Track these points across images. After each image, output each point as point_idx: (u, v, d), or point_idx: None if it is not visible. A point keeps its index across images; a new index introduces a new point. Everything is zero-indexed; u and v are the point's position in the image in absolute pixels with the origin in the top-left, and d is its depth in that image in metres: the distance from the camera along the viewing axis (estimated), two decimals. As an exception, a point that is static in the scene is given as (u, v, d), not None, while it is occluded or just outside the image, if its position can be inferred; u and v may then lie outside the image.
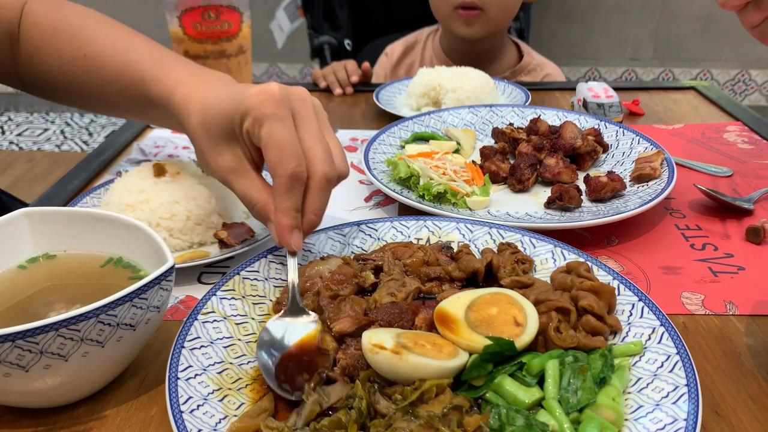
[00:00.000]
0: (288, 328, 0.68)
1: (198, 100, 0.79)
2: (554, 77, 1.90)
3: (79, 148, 4.20)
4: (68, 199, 1.09)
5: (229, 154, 0.76)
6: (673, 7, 3.97)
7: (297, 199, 0.72)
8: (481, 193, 1.03)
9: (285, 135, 0.70)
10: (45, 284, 0.71)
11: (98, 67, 0.91)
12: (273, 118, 0.70)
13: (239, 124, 0.73)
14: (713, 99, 1.57)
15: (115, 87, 0.91)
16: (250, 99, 0.71)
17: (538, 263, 0.82)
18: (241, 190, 0.77)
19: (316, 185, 0.72)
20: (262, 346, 0.66)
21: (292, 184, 0.71)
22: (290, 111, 0.72)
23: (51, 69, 0.96)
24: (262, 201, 0.75)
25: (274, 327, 0.69)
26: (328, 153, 0.73)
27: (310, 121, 0.74)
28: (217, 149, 0.76)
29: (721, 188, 1.10)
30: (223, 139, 0.76)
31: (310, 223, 0.75)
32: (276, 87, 0.72)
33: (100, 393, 0.66)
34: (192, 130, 0.79)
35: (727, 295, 0.82)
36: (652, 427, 0.56)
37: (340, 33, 2.63)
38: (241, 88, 0.76)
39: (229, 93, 0.76)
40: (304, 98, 0.75)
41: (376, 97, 1.50)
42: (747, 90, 4.25)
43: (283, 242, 0.74)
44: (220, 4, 1.18)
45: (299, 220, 0.73)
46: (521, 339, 0.63)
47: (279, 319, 0.70)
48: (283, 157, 0.70)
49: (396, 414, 0.57)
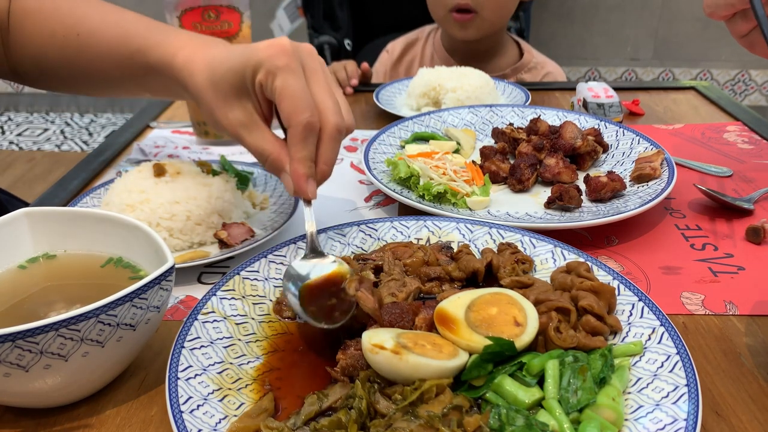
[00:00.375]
0: (313, 267, 0.74)
1: (202, 59, 0.80)
2: (555, 76, 1.90)
3: (79, 148, 4.20)
4: (68, 199, 1.09)
5: (239, 110, 0.77)
6: (673, 7, 3.97)
7: (311, 149, 0.74)
8: (481, 193, 1.03)
9: (298, 86, 0.72)
10: (45, 284, 0.71)
11: (93, 44, 0.91)
12: (286, 70, 0.72)
13: (251, 77, 0.74)
14: (713, 99, 1.57)
15: (112, 61, 0.91)
16: (262, 52, 0.73)
17: (538, 263, 0.82)
18: (253, 143, 0.77)
19: (328, 136, 0.74)
20: (289, 279, 0.73)
21: (306, 133, 0.72)
22: (300, 64, 0.74)
23: (45, 53, 0.96)
24: (275, 153, 0.76)
25: (299, 265, 0.74)
26: (338, 105, 0.75)
27: (318, 74, 0.76)
28: (227, 105, 0.77)
29: (721, 188, 1.10)
30: (234, 94, 0.77)
31: (323, 174, 0.76)
32: (286, 40, 0.74)
33: (100, 393, 0.66)
34: (198, 88, 0.79)
35: (727, 295, 0.82)
36: (652, 427, 0.56)
37: (340, 33, 2.63)
38: (249, 45, 0.77)
39: (238, 50, 0.77)
40: (312, 53, 0.77)
41: (376, 97, 1.51)
42: (747, 90, 4.25)
43: (299, 191, 0.75)
44: (220, 4, 1.18)
45: (314, 169, 0.75)
46: (521, 339, 0.63)
47: (302, 260, 0.75)
48: (297, 107, 0.72)
49: (396, 414, 0.57)
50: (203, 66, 0.79)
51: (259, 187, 1.07)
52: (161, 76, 0.86)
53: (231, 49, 0.79)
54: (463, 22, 1.71)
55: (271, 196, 1.04)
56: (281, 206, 1.00)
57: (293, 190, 0.76)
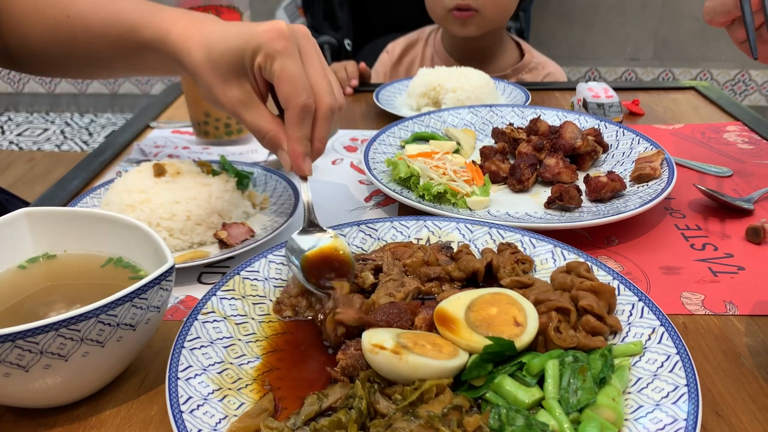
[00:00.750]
0: (310, 239, 0.80)
1: (198, 37, 0.81)
2: (556, 77, 1.90)
3: (79, 148, 4.20)
4: (68, 199, 1.09)
5: (238, 88, 0.80)
6: (673, 7, 3.97)
7: (308, 129, 0.79)
8: (481, 193, 1.03)
9: (296, 70, 0.76)
10: (45, 284, 0.71)
11: (84, 26, 0.92)
12: (284, 54, 0.75)
13: (250, 60, 0.77)
14: (713, 99, 1.57)
15: (104, 41, 0.91)
16: (261, 36, 0.75)
17: (538, 263, 0.82)
18: (251, 121, 0.81)
19: (322, 116, 0.79)
20: (292, 252, 0.78)
21: (303, 115, 0.77)
22: (297, 47, 0.77)
23: (37, 38, 0.96)
24: (273, 131, 0.80)
25: (299, 239, 0.80)
26: (331, 86, 0.80)
27: (313, 56, 0.79)
28: (226, 84, 0.80)
29: (721, 188, 1.10)
30: (232, 74, 0.79)
31: (318, 151, 0.82)
32: (283, 24, 0.77)
33: (100, 393, 0.66)
34: (196, 66, 0.81)
35: (727, 295, 0.82)
36: (652, 427, 0.56)
37: (340, 33, 2.63)
38: (245, 25, 0.80)
39: (234, 30, 0.79)
40: (307, 35, 0.80)
41: (376, 98, 1.51)
42: (747, 90, 4.25)
43: (297, 168, 0.80)
44: (220, 4, 1.18)
45: (309, 147, 0.80)
46: (521, 339, 0.63)
47: (301, 234, 0.80)
48: (295, 90, 0.75)
49: (396, 414, 0.57)
50: (200, 43, 0.80)
51: (259, 187, 1.07)
52: (156, 53, 0.87)
53: (226, 27, 0.81)
54: (464, 19, 1.71)
55: (271, 196, 1.04)
56: (281, 206, 1.00)
57: (290, 167, 0.80)
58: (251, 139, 1.34)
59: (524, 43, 1.94)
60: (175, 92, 1.67)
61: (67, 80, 4.55)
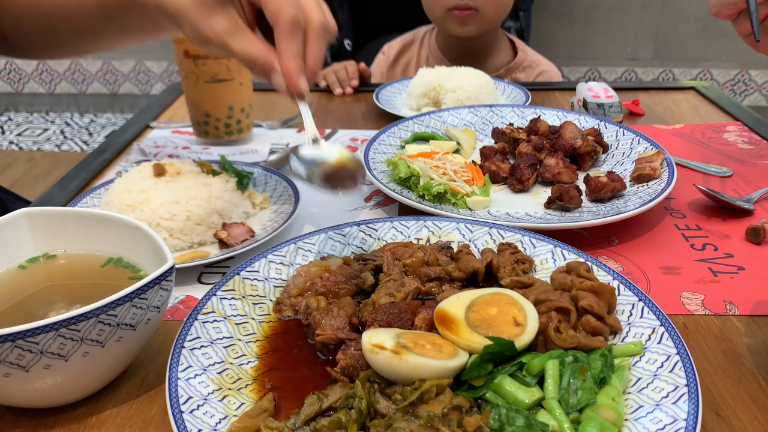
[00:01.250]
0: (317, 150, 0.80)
1: None
2: (550, 74, 1.90)
3: (79, 148, 4.20)
4: (68, 199, 1.09)
5: (223, 17, 0.77)
6: (673, 7, 3.97)
7: (299, 45, 0.76)
8: (481, 193, 1.03)
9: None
10: (45, 284, 0.71)
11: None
12: None
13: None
14: (713, 99, 1.57)
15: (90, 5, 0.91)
16: None
17: (538, 263, 0.82)
18: (240, 49, 0.78)
19: (314, 33, 0.77)
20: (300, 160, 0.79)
21: (293, 28, 0.75)
22: None
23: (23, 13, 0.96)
24: (264, 55, 0.77)
25: (305, 150, 0.80)
26: (321, 6, 0.78)
27: None
28: (211, 14, 0.78)
29: (721, 188, 1.10)
30: (216, 3, 0.77)
31: (312, 70, 0.79)
32: None
33: (100, 393, 0.66)
34: (179, 5, 0.79)
35: (727, 295, 0.82)
36: (652, 427, 0.56)
37: (339, 33, 2.63)
38: None
39: None
40: None
41: (376, 98, 1.51)
42: (747, 90, 4.25)
43: (291, 86, 0.77)
44: None
45: (303, 65, 0.77)
46: (521, 339, 0.63)
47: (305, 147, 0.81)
48: (281, 3, 0.74)
49: (396, 414, 0.57)
50: None
51: (259, 187, 1.07)
52: (141, 7, 0.86)
53: None
54: (464, 18, 1.72)
55: (271, 196, 1.04)
56: (281, 206, 1.00)
57: (285, 87, 0.77)
58: (251, 139, 1.34)
59: (518, 42, 1.94)
60: (175, 92, 1.67)
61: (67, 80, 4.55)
